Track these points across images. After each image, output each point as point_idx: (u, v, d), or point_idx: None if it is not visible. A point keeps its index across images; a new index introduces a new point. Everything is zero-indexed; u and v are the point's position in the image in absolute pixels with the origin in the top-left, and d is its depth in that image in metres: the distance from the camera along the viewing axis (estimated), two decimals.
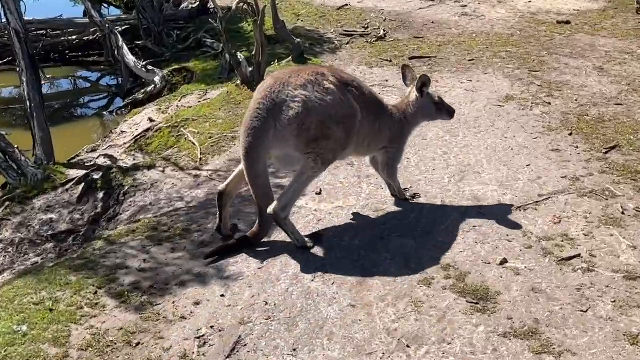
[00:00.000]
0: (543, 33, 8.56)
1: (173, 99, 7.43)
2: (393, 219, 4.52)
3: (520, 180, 4.93)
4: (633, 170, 5.01)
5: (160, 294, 3.87)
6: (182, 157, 5.79)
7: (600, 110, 6.09)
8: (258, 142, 4.05)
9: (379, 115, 4.47)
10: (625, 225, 4.31)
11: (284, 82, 4.10)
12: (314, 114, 4.05)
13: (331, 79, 4.19)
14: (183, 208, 4.92)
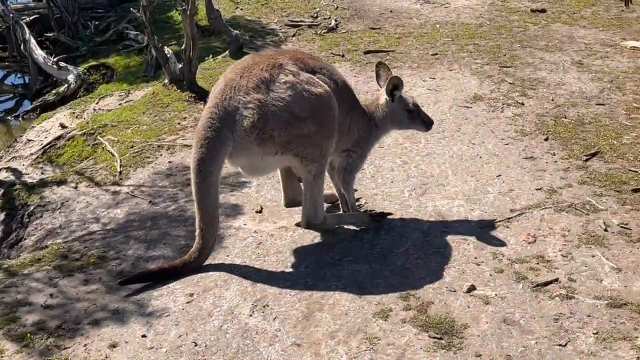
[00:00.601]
0: (515, 23, 8.65)
1: (89, 101, 7.29)
2: (345, 241, 4.48)
3: (490, 193, 4.94)
4: (617, 179, 5.06)
5: (69, 336, 3.75)
6: (98, 170, 5.66)
7: (580, 112, 6.16)
8: (212, 154, 4.09)
9: (352, 109, 4.50)
10: (609, 244, 4.34)
11: (235, 85, 4.12)
12: (273, 119, 4.08)
13: (290, 68, 4.19)
14: (99, 231, 4.81)
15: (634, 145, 5.54)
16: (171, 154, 5.74)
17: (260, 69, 4.15)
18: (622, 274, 4.06)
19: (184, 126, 6.17)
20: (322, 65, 4.43)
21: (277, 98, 4.09)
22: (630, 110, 6.15)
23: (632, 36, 8.05)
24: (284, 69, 4.17)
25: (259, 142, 4.11)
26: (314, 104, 4.17)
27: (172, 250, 4.45)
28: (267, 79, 4.11)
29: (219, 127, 4.07)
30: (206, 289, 4.05)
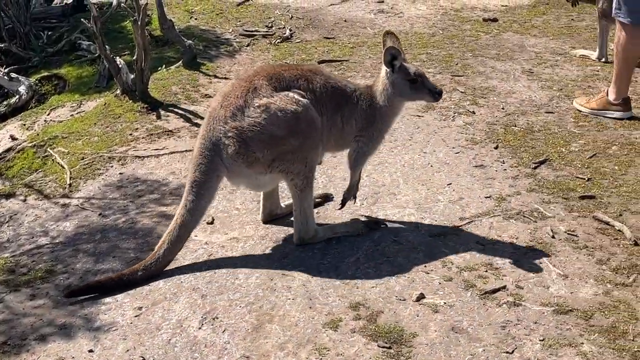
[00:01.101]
0: (468, 32, 8.74)
1: (41, 112, 7.20)
2: (296, 251, 4.47)
3: (440, 201, 4.98)
4: (564, 187, 5.12)
5: (15, 352, 3.71)
6: (48, 182, 5.59)
7: (529, 120, 6.23)
8: (204, 178, 4.28)
9: (340, 106, 4.47)
10: (556, 251, 4.39)
11: (215, 115, 4.24)
12: (253, 143, 4.18)
13: (264, 91, 4.23)
14: (47, 245, 4.74)
15: (581, 152, 5.62)
16: (122, 165, 5.69)
17: (236, 96, 4.23)
18: (569, 281, 4.11)
19: (136, 137, 6.11)
20: (300, 75, 4.41)
21: (252, 123, 4.17)
22: (579, 118, 6.24)
23: (581, 44, 8.18)
24: (257, 92, 4.22)
25: (247, 165, 4.23)
26: (291, 121, 4.21)
27: (121, 263, 4.41)
28: (242, 106, 4.20)
29: (209, 155, 4.24)
30: (155, 302, 4.01)
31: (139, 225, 4.84)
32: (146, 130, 6.24)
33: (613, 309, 3.88)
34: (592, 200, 4.94)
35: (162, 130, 6.23)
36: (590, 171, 5.33)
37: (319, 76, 4.44)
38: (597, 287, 4.06)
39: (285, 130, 4.21)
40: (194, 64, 7.68)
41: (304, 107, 4.25)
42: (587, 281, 4.11)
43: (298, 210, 4.44)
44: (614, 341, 3.65)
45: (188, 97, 6.92)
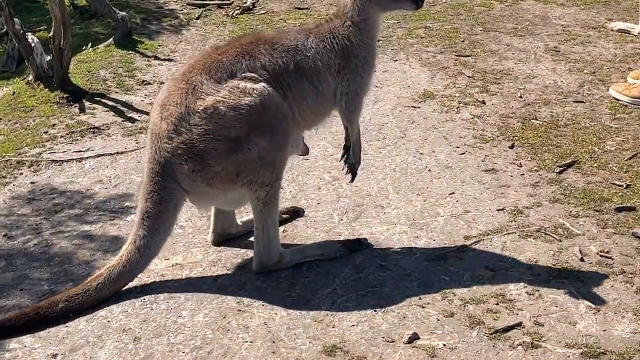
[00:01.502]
0: (477, 0, 8.80)
1: None
2: (256, 281, 4.46)
3: (440, 216, 5.00)
4: (597, 196, 5.16)
5: None
6: None
7: (554, 111, 6.28)
8: (158, 209, 4.32)
9: (301, 67, 4.46)
10: (585, 277, 4.41)
11: (158, 132, 4.27)
12: (209, 156, 4.22)
13: (205, 88, 4.24)
14: None
15: (619, 152, 5.67)
16: (35, 172, 5.66)
17: (176, 103, 4.24)
18: (601, 315, 4.13)
19: (53, 135, 6.09)
20: (241, 52, 4.38)
21: (202, 132, 4.19)
22: (616, 109, 6.30)
23: (621, 16, 8.25)
24: (198, 92, 4.23)
25: (208, 183, 4.28)
26: (249, 117, 4.22)
27: (31, 298, 4.37)
28: (184, 115, 4.21)
29: (161, 181, 4.28)
30: (74, 347, 3.99)
31: (54, 249, 4.81)
32: (66, 126, 6.22)
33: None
34: (631, 212, 4.98)
35: (87, 127, 6.22)
36: (629, 176, 5.38)
37: (262, 45, 4.44)
38: (637, 322, 4.08)
39: (244, 129, 4.22)
40: (128, 42, 7.68)
41: (260, 95, 4.24)
42: (624, 316, 4.13)
43: (260, 228, 4.45)
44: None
45: (120, 84, 6.92)
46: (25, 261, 4.71)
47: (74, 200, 5.31)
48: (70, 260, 4.72)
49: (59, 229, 5.02)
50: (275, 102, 4.30)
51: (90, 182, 5.52)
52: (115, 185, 5.46)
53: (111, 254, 4.73)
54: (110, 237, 4.91)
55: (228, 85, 4.26)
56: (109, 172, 5.62)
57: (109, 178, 5.55)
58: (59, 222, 5.08)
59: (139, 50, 7.56)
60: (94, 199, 5.33)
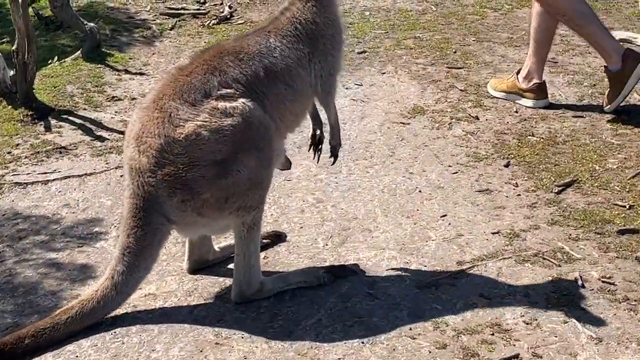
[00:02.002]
0: (470, 9, 8.84)
1: None
2: (236, 311, 4.46)
3: (432, 240, 5.02)
4: (598, 217, 5.19)
5: None
6: None
7: (552, 127, 6.32)
8: (141, 245, 4.31)
9: (273, 70, 4.48)
10: (586, 305, 4.43)
11: (137, 166, 4.24)
12: (197, 184, 4.22)
13: (182, 114, 4.23)
14: None
15: (621, 170, 5.71)
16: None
17: (153, 135, 4.22)
18: (603, 346, 4.14)
19: (17, 156, 6.09)
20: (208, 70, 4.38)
21: (187, 162, 4.19)
22: (618, 124, 6.33)
23: (622, 24, 8.31)
24: (175, 119, 4.22)
25: (198, 212, 4.29)
26: (233, 137, 4.24)
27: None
28: (164, 145, 4.20)
29: (145, 216, 4.27)
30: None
31: (18, 278, 4.80)
32: (31, 146, 6.22)
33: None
34: (634, 235, 5.01)
35: (53, 147, 6.21)
36: (632, 196, 5.41)
37: (226, 57, 4.45)
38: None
39: (230, 151, 4.24)
40: (97, 55, 7.69)
41: (241, 114, 4.25)
42: (627, 346, 4.14)
43: (242, 255, 4.46)
44: None
45: (89, 100, 6.93)
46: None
47: (40, 226, 5.30)
48: (36, 290, 4.70)
49: (24, 257, 5.00)
50: (257, 117, 4.32)
51: (56, 206, 5.51)
52: (84, 209, 5.46)
53: (79, 284, 4.73)
54: (79, 266, 4.90)
55: (206, 107, 4.26)
56: (76, 195, 5.61)
57: (76, 201, 5.54)
58: (24, 250, 5.07)
59: (108, 63, 7.57)
60: (60, 224, 5.32)
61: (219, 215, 4.34)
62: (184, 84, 4.34)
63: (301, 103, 4.63)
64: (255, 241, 4.46)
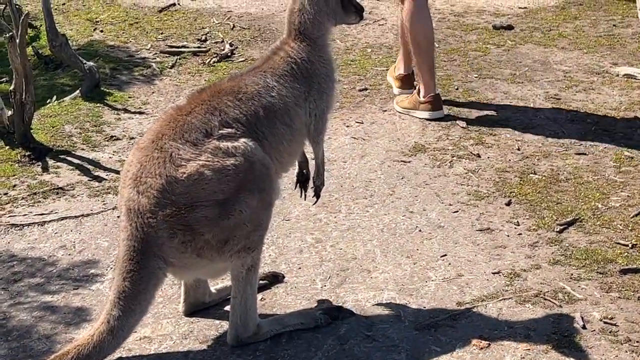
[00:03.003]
0: (473, 45, 8.85)
1: None
2: (231, 354, 4.44)
3: (432, 280, 5.01)
4: (600, 257, 5.18)
5: None
6: None
7: (554, 164, 6.32)
8: (138, 289, 4.26)
9: (272, 110, 4.51)
10: (588, 346, 4.42)
11: (137, 207, 4.22)
12: (199, 224, 4.20)
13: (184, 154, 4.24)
14: None
15: (624, 209, 5.71)
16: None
17: (153, 174, 4.22)
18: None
19: (13, 197, 6.09)
20: (208, 109, 4.40)
21: (190, 202, 4.19)
22: (621, 161, 6.34)
23: (626, 60, 8.33)
24: (177, 159, 4.23)
25: (197, 253, 4.26)
26: (236, 177, 4.25)
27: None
28: (165, 186, 4.19)
29: (143, 259, 4.23)
30: None
31: (13, 322, 4.79)
32: (28, 187, 6.23)
33: None
34: (637, 275, 5.00)
35: (50, 188, 6.22)
36: (635, 235, 5.41)
37: (225, 97, 4.47)
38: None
39: (233, 191, 4.24)
40: (96, 94, 7.71)
41: (243, 153, 4.27)
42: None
43: (239, 297, 4.44)
44: None
45: (87, 140, 6.94)
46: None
47: (35, 268, 5.29)
48: (30, 334, 4.69)
49: (18, 299, 5.00)
50: (259, 157, 4.34)
51: (52, 247, 5.51)
52: (80, 251, 5.45)
53: (74, 327, 4.72)
54: (74, 309, 4.89)
55: (208, 146, 4.27)
56: (73, 237, 5.61)
57: (73, 243, 5.54)
58: (18, 293, 5.06)
59: (107, 102, 7.59)
60: (56, 266, 5.31)
61: (219, 256, 4.31)
62: (184, 123, 4.35)
63: (297, 142, 4.67)
64: (252, 283, 4.45)
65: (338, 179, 6.16)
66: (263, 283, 4.93)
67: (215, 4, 10.29)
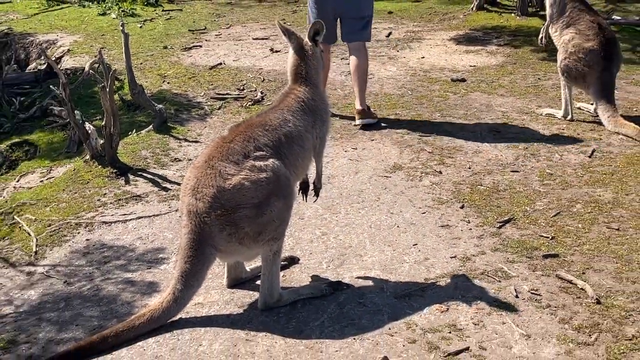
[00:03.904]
0: (436, 93, 8.85)
1: (10, 179, 7.18)
2: (261, 316, 4.46)
3: (406, 262, 5.00)
4: (529, 246, 5.17)
5: None
6: (14, 250, 5.54)
7: (495, 179, 6.31)
8: (195, 269, 4.30)
9: (291, 137, 4.57)
10: (519, 311, 4.41)
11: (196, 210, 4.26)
12: (241, 221, 4.25)
13: (229, 170, 4.28)
14: (11, 314, 4.68)
15: (545, 211, 5.69)
16: (89, 231, 5.67)
17: (207, 185, 4.27)
18: (531, 341, 4.13)
19: (104, 202, 6.11)
20: (245, 138, 4.45)
21: (234, 206, 4.23)
22: (544, 177, 6.32)
23: (548, 103, 8.31)
24: (224, 174, 4.27)
25: (239, 242, 4.29)
26: (267, 186, 4.29)
27: (84, 332, 4.37)
28: (216, 194, 4.24)
29: (200, 247, 4.27)
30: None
31: (103, 292, 4.81)
32: (114, 195, 6.24)
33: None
34: (555, 258, 4.99)
35: (130, 195, 6.23)
36: (554, 230, 5.39)
37: (257, 129, 4.51)
38: (560, 346, 4.08)
39: (265, 196, 4.28)
40: (164, 128, 7.73)
41: (272, 169, 4.33)
42: (549, 341, 4.13)
43: (267, 274, 4.47)
44: None
45: (157, 161, 6.95)
46: (80, 302, 4.71)
47: (119, 254, 5.32)
48: (115, 301, 4.72)
49: (107, 276, 5.02)
50: (283, 171, 4.39)
51: (132, 239, 5.53)
52: (152, 241, 5.47)
53: (147, 296, 4.74)
54: (148, 283, 4.92)
55: (246, 165, 4.32)
56: (147, 231, 5.63)
57: (147, 235, 5.56)
58: (107, 271, 5.09)
59: (172, 134, 7.61)
60: (135, 252, 5.34)
61: (254, 244, 4.34)
62: (228, 148, 4.40)
63: (308, 159, 4.71)
64: (277, 264, 4.47)
65: (338, 189, 6.16)
66: (284, 264, 4.94)
67: (250, 63, 10.29)
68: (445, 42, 11.22)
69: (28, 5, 14.98)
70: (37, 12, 14.32)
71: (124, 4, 14.15)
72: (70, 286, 4.95)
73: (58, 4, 14.83)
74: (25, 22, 13.36)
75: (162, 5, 14.60)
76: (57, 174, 7.04)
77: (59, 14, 13.95)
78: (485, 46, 10.92)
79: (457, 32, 11.76)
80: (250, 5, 14.66)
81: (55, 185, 6.61)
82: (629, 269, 4.84)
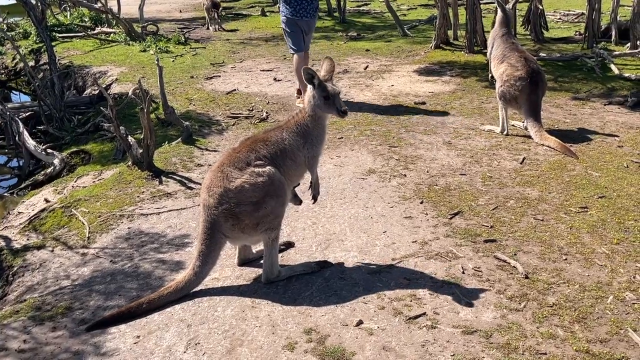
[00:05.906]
0: (403, 113, 8.80)
1: (69, 180, 7.12)
2: (264, 288, 4.44)
3: (377, 245, 4.98)
4: (473, 233, 5.15)
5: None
6: (71, 236, 5.50)
7: (447, 180, 6.29)
8: (210, 249, 4.30)
9: (285, 152, 4.44)
10: (465, 284, 4.40)
11: (208, 204, 4.25)
12: (242, 215, 4.22)
13: (234, 174, 4.23)
14: (68, 286, 4.65)
15: (486, 206, 5.67)
16: (130, 221, 5.63)
17: (217, 186, 4.24)
18: (474, 308, 4.11)
19: (142, 199, 6.07)
20: (249, 149, 4.41)
21: (237, 202, 4.20)
22: (485, 179, 6.30)
23: (489, 121, 8.29)
24: (230, 177, 4.24)
25: (241, 231, 4.27)
26: (263, 189, 4.24)
27: (125, 300, 4.34)
28: (223, 193, 4.22)
29: (211, 233, 4.27)
30: (150, 331, 3.96)
31: (141, 269, 4.78)
32: (150, 193, 6.20)
33: (507, 329, 3.88)
34: (493, 243, 4.98)
35: (163, 193, 6.18)
36: (492, 220, 5.37)
37: (259, 143, 4.44)
38: (496, 312, 4.07)
39: (262, 196, 4.24)
40: (190, 140, 7.69)
41: (268, 175, 4.29)
42: (488, 307, 4.11)
43: (267, 255, 4.44)
44: (508, 355, 3.65)
45: (184, 166, 6.90)
46: (122, 277, 4.69)
47: (154, 239, 5.28)
48: (150, 276, 4.69)
49: (144, 257, 4.98)
50: (277, 176, 4.33)
51: (164, 227, 5.49)
52: (179, 229, 5.43)
53: (175, 272, 4.70)
54: (175, 262, 4.88)
55: (247, 171, 4.28)
56: (175, 221, 5.59)
57: (175, 225, 5.52)
58: (144, 252, 5.05)
59: (196, 145, 7.57)
60: (166, 237, 5.30)
61: (254, 232, 4.31)
62: (235, 157, 4.36)
63: (300, 169, 4.59)
64: (275, 247, 4.44)
65: (325, 188, 6.12)
66: (282, 247, 4.91)
67: (258, 89, 10.24)
68: (410, 73, 11.18)
69: (85, 44, 14.91)
70: (92, 49, 14.25)
71: (160, 43, 14.07)
72: (115, 264, 4.91)
73: (109, 43, 14.76)
74: (82, 57, 13.29)
75: (190, 44, 14.53)
76: (106, 176, 6.98)
77: (109, 50, 13.87)
78: (441, 76, 10.89)
79: (419, 65, 11.73)
80: (259, 44, 14.60)
81: (104, 185, 6.56)
82: (550, 251, 4.83)
